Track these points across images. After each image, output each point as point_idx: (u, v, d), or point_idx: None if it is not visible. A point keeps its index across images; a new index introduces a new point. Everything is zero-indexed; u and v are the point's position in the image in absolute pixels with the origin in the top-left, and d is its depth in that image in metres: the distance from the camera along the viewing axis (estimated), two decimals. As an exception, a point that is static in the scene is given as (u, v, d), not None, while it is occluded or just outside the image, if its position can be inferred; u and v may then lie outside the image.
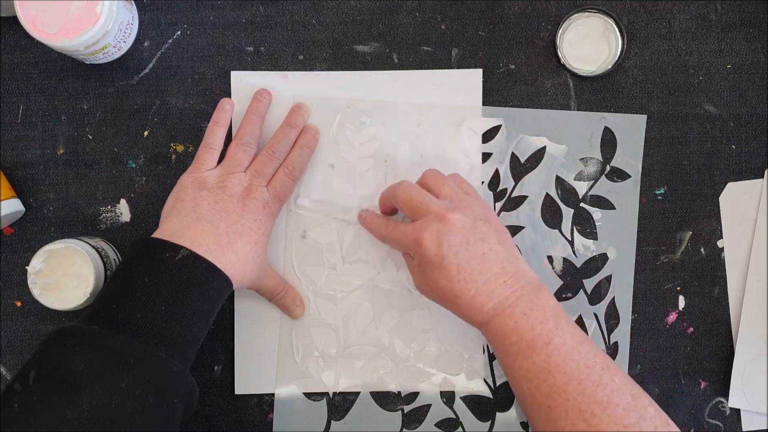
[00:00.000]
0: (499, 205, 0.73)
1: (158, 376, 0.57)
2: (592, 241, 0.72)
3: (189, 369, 0.61)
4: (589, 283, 0.72)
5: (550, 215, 0.73)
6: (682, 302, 0.73)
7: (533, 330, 0.60)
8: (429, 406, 0.72)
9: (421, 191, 0.65)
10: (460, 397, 0.72)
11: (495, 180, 0.73)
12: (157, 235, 0.63)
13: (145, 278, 0.60)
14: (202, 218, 0.64)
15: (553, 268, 0.73)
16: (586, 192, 0.73)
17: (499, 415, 0.72)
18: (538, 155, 0.73)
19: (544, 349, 0.59)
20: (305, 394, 0.72)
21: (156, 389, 0.57)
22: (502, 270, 0.62)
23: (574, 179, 0.72)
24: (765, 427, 0.72)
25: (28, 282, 0.67)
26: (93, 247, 0.68)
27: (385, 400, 0.73)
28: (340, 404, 0.73)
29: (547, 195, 0.73)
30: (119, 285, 0.61)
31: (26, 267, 0.67)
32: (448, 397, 0.72)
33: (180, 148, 0.73)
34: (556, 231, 0.73)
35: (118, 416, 0.54)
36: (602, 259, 0.72)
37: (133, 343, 0.57)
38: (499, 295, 0.61)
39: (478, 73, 0.72)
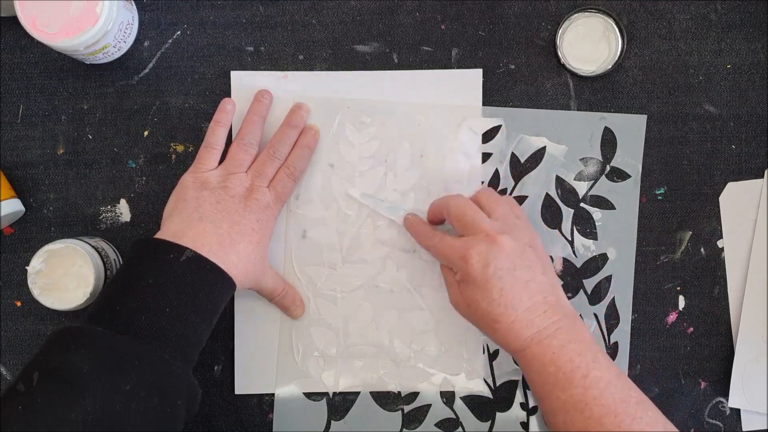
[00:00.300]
0: (499, 205, 0.73)
1: (162, 378, 0.57)
2: (592, 241, 0.72)
3: (190, 369, 0.61)
4: (589, 283, 0.72)
5: (550, 215, 0.73)
6: (682, 302, 0.73)
7: (572, 362, 0.60)
8: (429, 406, 0.72)
9: (474, 207, 0.65)
10: (460, 397, 0.72)
11: (495, 180, 0.73)
12: (159, 235, 0.63)
13: (149, 279, 0.60)
14: (204, 218, 0.64)
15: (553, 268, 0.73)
16: (586, 192, 0.73)
17: (499, 415, 0.72)
18: (538, 155, 0.73)
19: (582, 381, 0.59)
20: (305, 394, 0.72)
21: (159, 391, 0.56)
22: (543, 300, 0.62)
23: (574, 179, 0.72)
24: (765, 427, 0.72)
25: (28, 282, 0.67)
26: (93, 247, 0.68)
27: (385, 400, 0.73)
28: (340, 404, 0.73)
29: (547, 195, 0.73)
30: (122, 285, 0.61)
31: (26, 267, 0.67)
32: (448, 397, 0.72)
33: (180, 148, 0.73)
34: (556, 231, 0.73)
35: (121, 418, 0.54)
36: (602, 259, 0.72)
37: (136, 344, 0.57)
38: (538, 325, 0.61)
39: (478, 73, 0.72)
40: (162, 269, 0.60)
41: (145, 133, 0.73)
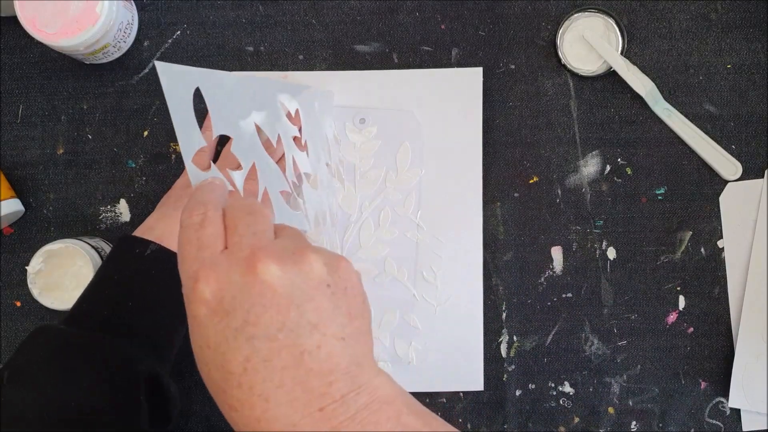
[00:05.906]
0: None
1: (122, 373, 0.57)
2: (590, 240, 0.72)
3: (173, 366, 0.61)
4: (589, 284, 0.72)
5: (551, 215, 0.73)
6: (682, 302, 0.73)
7: None
8: (429, 407, 0.72)
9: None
10: (461, 398, 0.72)
11: (495, 180, 0.73)
12: (135, 232, 0.64)
13: (114, 276, 0.61)
14: (178, 212, 0.64)
15: (552, 267, 0.73)
16: (586, 191, 0.73)
17: (499, 416, 0.72)
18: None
19: None
20: (305, 394, 0.72)
21: (123, 385, 0.56)
22: (326, 387, 0.37)
23: (572, 175, 0.72)
24: (765, 427, 0.72)
25: (28, 282, 0.67)
26: (93, 247, 0.68)
27: (385, 400, 0.72)
28: (340, 404, 0.72)
29: (549, 195, 0.73)
30: (94, 283, 0.62)
31: (26, 267, 0.67)
32: (448, 397, 0.72)
33: (180, 148, 0.73)
34: (556, 230, 0.73)
35: (81, 413, 0.54)
36: (602, 259, 0.72)
37: (97, 339, 0.57)
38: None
39: (478, 71, 0.72)
40: (127, 264, 0.61)
41: (145, 133, 0.73)
